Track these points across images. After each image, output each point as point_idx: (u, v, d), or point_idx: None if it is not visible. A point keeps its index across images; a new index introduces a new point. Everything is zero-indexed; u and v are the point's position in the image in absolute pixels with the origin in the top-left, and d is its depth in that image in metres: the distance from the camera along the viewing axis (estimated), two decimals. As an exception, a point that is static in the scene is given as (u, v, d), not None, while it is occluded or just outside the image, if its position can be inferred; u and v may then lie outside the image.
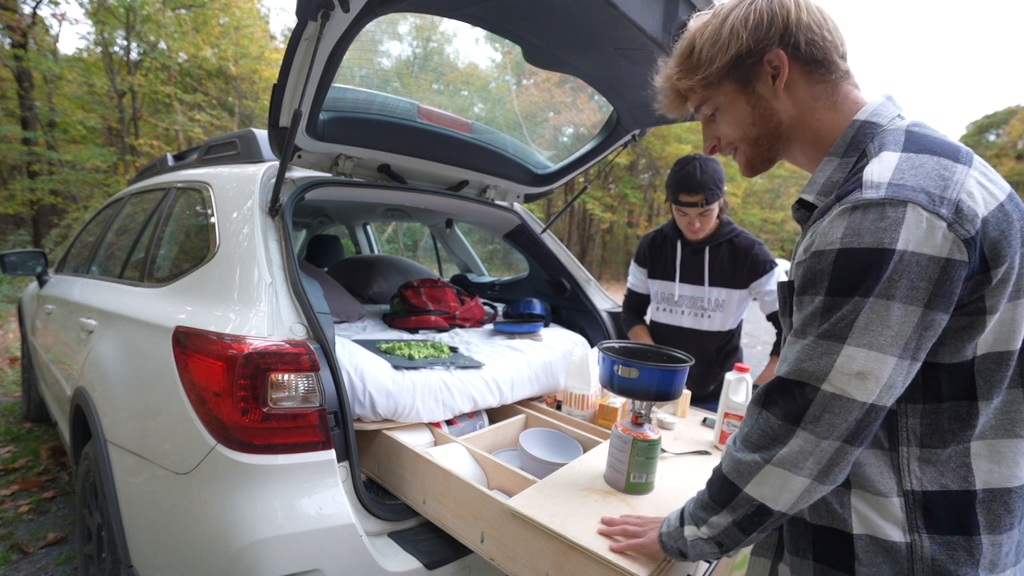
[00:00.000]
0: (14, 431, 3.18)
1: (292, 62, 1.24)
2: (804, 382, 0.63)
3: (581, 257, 19.63)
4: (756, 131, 0.76)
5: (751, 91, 0.74)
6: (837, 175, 0.70)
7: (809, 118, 0.73)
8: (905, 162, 0.62)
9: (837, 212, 0.62)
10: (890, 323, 0.59)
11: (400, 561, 1.17)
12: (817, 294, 0.64)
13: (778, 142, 0.77)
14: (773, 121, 0.75)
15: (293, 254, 1.35)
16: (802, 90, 0.73)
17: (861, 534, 0.67)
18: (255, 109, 12.60)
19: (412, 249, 14.05)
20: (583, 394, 1.70)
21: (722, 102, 0.76)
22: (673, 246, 1.88)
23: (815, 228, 0.66)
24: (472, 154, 1.98)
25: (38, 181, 9.20)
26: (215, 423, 1.11)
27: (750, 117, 0.75)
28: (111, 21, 10.11)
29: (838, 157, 0.71)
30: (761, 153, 0.78)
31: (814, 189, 0.72)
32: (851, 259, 0.60)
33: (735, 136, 0.78)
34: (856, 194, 0.62)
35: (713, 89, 0.76)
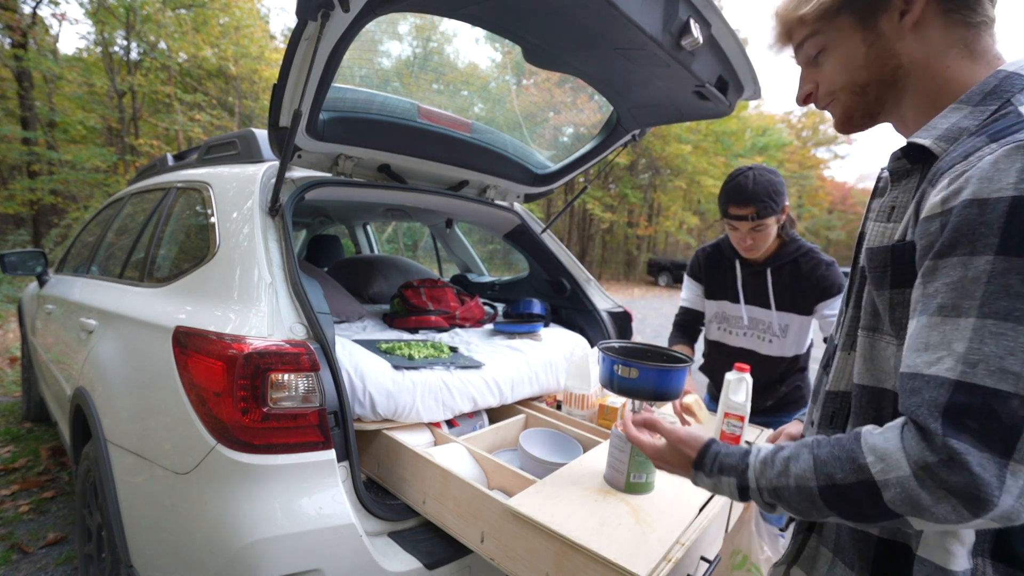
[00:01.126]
0: (14, 431, 3.18)
1: (292, 62, 1.24)
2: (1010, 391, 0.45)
3: (581, 257, 19.64)
4: (867, 75, 0.63)
5: (872, 27, 0.61)
6: (967, 122, 0.56)
7: (937, 65, 0.61)
8: None
9: (1003, 152, 0.49)
10: None
11: (400, 561, 1.17)
12: (978, 253, 0.48)
13: (890, 91, 0.64)
14: (890, 65, 0.62)
15: (293, 254, 1.35)
16: (936, 30, 0.60)
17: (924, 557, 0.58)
18: (255, 109, 12.60)
19: (412, 249, 14.06)
20: (583, 394, 1.70)
21: (833, 39, 0.64)
22: (731, 265, 1.71)
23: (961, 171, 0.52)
24: (472, 154, 1.98)
25: (38, 181, 9.21)
26: (215, 423, 1.11)
27: (863, 59, 0.63)
28: (111, 21, 10.11)
29: (970, 105, 0.57)
30: (867, 104, 0.65)
31: (932, 133, 0.58)
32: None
33: (840, 82, 0.65)
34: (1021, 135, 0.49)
35: (826, 21, 0.63)
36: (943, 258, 0.51)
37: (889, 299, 0.59)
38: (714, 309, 1.78)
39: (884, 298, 0.60)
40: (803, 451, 0.58)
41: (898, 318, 0.59)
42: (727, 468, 0.65)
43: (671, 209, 20.63)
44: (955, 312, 0.49)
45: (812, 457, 0.56)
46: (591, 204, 17.69)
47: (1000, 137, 0.51)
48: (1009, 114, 0.53)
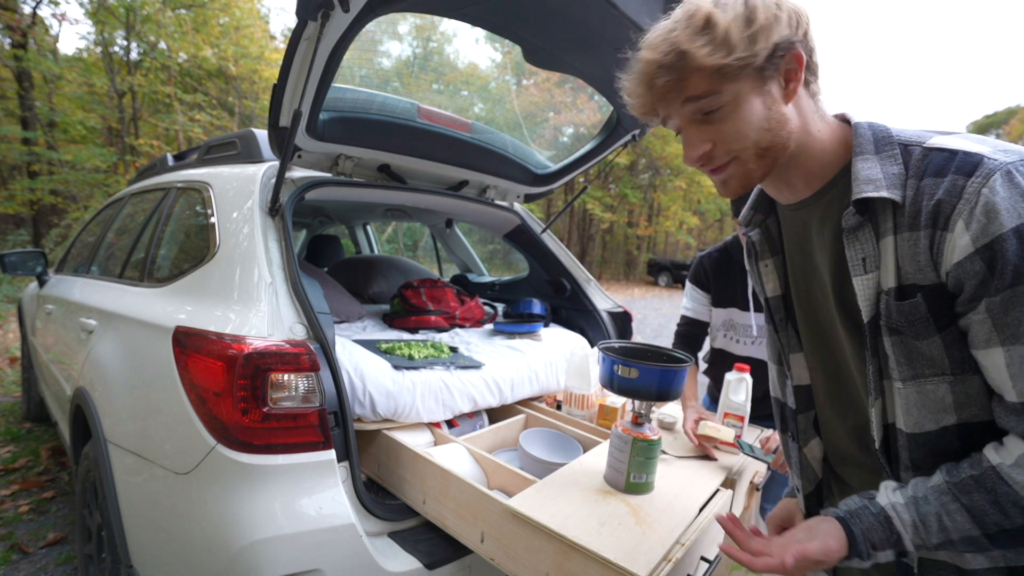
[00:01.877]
0: (14, 431, 3.18)
1: (292, 62, 1.24)
2: None
3: (581, 257, 19.64)
4: (769, 138, 0.65)
5: (766, 91, 0.63)
6: (892, 168, 0.61)
7: (811, 128, 0.66)
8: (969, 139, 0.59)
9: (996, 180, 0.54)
10: None
11: (400, 561, 1.17)
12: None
13: (783, 155, 0.66)
14: (785, 129, 0.65)
15: (293, 254, 1.35)
16: (804, 100, 0.66)
17: None
18: (255, 109, 12.61)
19: (412, 249, 14.06)
20: (583, 394, 1.70)
21: (731, 98, 0.63)
22: (742, 270, 1.64)
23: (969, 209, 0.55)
24: (472, 154, 1.98)
25: (38, 181, 9.21)
26: (215, 423, 1.11)
27: (765, 122, 0.64)
28: (111, 21, 10.11)
29: (872, 154, 0.62)
30: (764, 167, 0.67)
31: (879, 186, 0.61)
32: None
33: (743, 143, 0.65)
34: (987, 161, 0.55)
35: (730, 80, 0.62)
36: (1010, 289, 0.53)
37: (942, 342, 0.60)
38: (722, 317, 1.70)
39: (937, 344, 0.60)
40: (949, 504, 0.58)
41: (957, 356, 0.60)
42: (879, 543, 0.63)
43: (671, 209, 20.63)
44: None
45: (965, 510, 0.57)
46: (591, 204, 17.69)
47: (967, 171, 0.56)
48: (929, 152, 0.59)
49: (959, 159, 0.57)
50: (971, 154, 0.56)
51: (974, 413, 0.60)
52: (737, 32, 0.60)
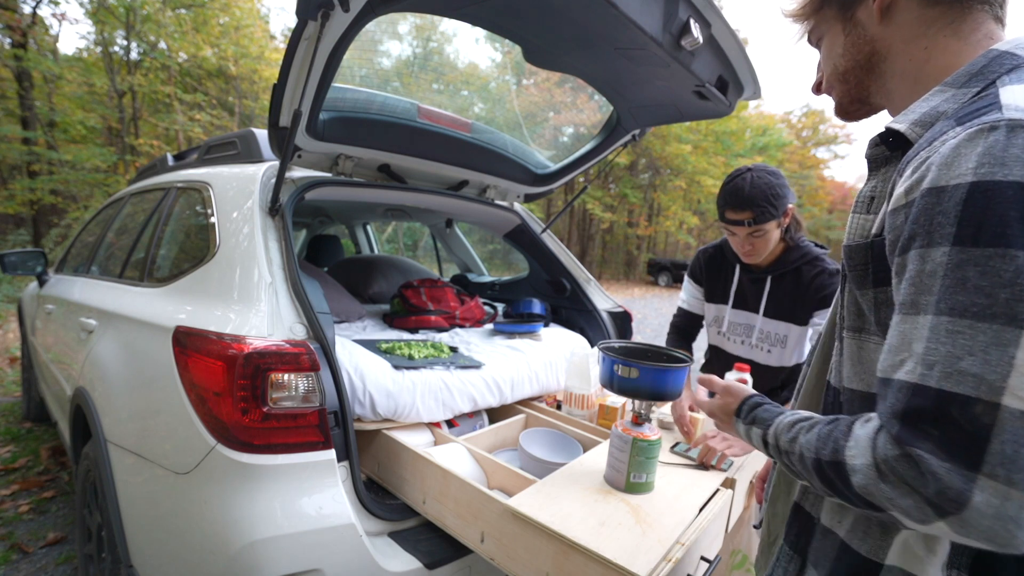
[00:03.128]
0: (14, 431, 3.18)
1: (292, 62, 1.24)
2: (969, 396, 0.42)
3: (581, 257, 19.64)
4: (845, 63, 0.66)
5: (850, 16, 0.64)
6: (946, 105, 0.54)
7: (914, 47, 0.60)
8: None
9: (965, 135, 0.47)
10: None
11: (400, 561, 1.17)
12: (935, 245, 0.46)
13: (868, 77, 0.65)
14: (864, 51, 0.64)
15: (293, 254, 1.35)
16: (910, 13, 0.60)
17: (893, 565, 0.57)
18: (255, 109, 12.61)
19: (412, 249, 14.06)
20: (583, 394, 1.70)
21: (822, 29, 0.68)
22: (732, 270, 1.63)
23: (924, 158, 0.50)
24: (472, 154, 1.98)
25: (38, 181, 9.21)
26: (215, 423, 1.11)
27: (842, 47, 0.66)
28: (111, 21, 10.11)
29: (953, 87, 0.55)
30: (849, 91, 0.67)
31: (909, 118, 0.56)
32: (992, 195, 0.43)
33: (828, 69, 0.69)
34: (993, 113, 0.47)
35: (814, 16, 0.68)
36: (905, 253, 0.49)
37: (873, 298, 0.57)
38: (713, 313, 1.72)
39: (868, 297, 0.58)
40: (817, 425, 0.57)
41: (883, 318, 0.56)
42: (759, 420, 0.68)
43: (671, 209, 20.62)
44: (914, 309, 0.47)
45: (817, 433, 0.56)
46: (591, 204, 17.69)
47: (967, 120, 0.49)
48: (988, 95, 0.51)
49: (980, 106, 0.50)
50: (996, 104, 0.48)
51: None
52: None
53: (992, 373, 0.42)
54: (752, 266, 1.58)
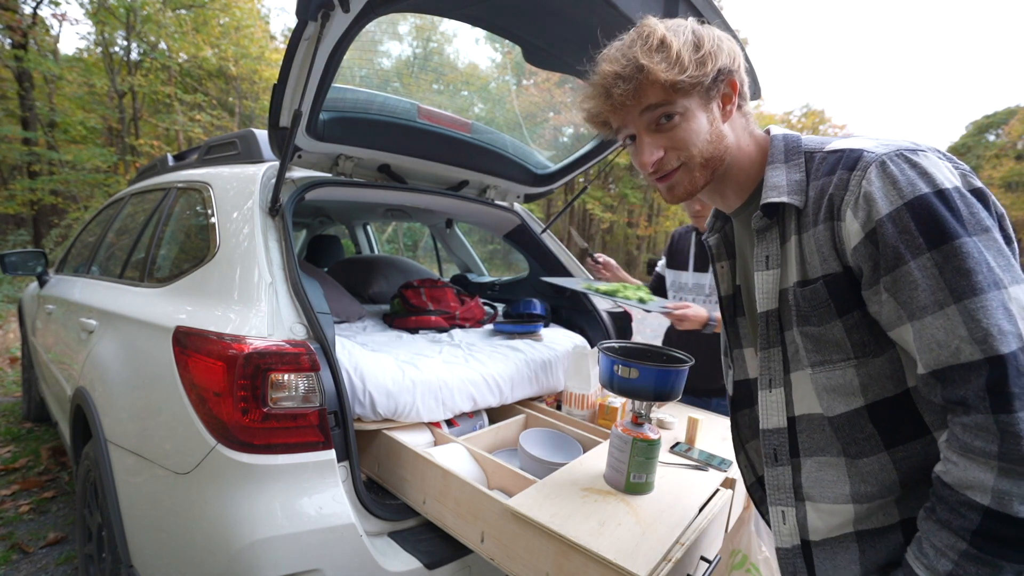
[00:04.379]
0: (14, 431, 3.18)
1: (292, 62, 1.24)
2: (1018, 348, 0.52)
3: (581, 258, 19.61)
4: (711, 151, 0.72)
5: (709, 109, 0.72)
6: (795, 175, 0.69)
7: (742, 144, 0.76)
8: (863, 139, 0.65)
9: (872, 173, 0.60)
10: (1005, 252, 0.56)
11: (400, 561, 1.17)
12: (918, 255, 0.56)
13: (720, 166, 0.75)
14: (723, 143, 0.73)
15: (293, 254, 1.35)
16: (737, 120, 0.75)
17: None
18: (255, 109, 12.61)
19: (412, 249, 14.06)
20: (583, 394, 1.70)
21: (683, 110, 0.70)
22: (689, 240, 1.93)
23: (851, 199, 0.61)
24: (472, 154, 1.98)
25: (38, 181, 9.21)
26: (215, 423, 1.11)
27: (708, 135, 0.72)
28: (111, 21, 10.11)
29: (781, 163, 0.71)
30: (704, 176, 0.74)
31: (781, 191, 0.69)
32: (924, 207, 0.57)
33: (691, 150, 0.72)
34: (867, 155, 0.62)
35: (682, 95, 0.70)
36: (898, 268, 0.58)
37: (843, 326, 0.65)
38: (670, 278, 1.99)
39: (837, 328, 0.65)
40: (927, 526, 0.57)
41: (859, 339, 0.64)
42: None
43: (671, 209, 20.62)
44: (938, 306, 0.55)
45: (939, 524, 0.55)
46: (591, 204, 17.69)
47: (851, 166, 0.62)
48: (826, 156, 0.66)
49: (844, 157, 0.64)
50: (854, 151, 0.63)
51: (877, 392, 0.64)
52: (687, 54, 0.68)
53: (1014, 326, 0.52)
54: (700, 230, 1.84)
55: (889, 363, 0.64)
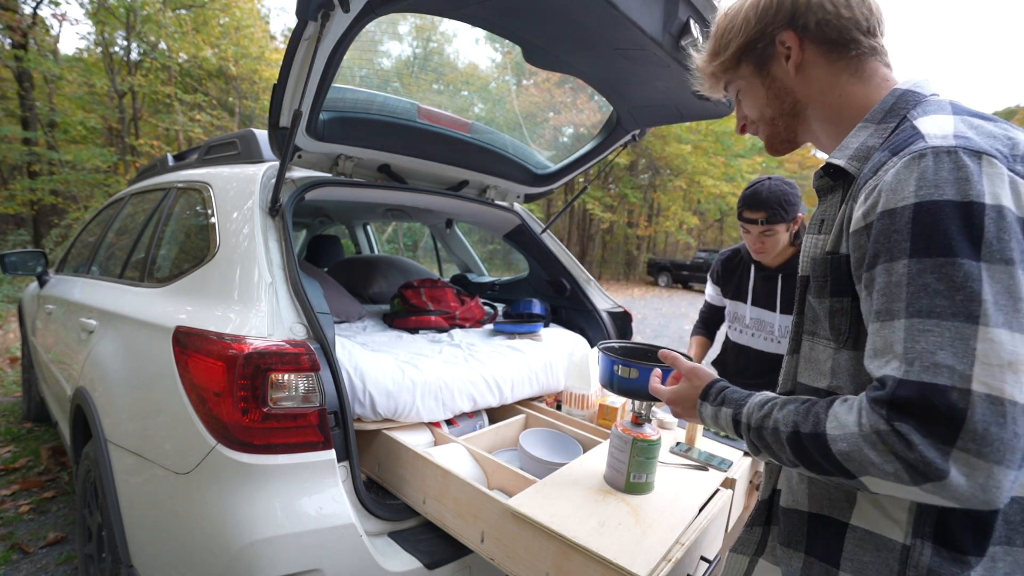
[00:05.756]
0: (14, 431, 3.18)
1: (292, 62, 1.24)
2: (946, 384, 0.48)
3: (581, 257, 19.64)
4: (771, 111, 0.77)
5: (767, 73, 0.75)
6: (873, 140, 0.65)
7: (831, 95, 0.71)
8: (963, 123, 0.57)
9: (902, 163, 0.55)
10: (1017, 293, 0.48)
11: (400, 561, 1.17)
12: (896, 259, 0.53)
13: (794, 121, 0.76)
14: (788, 101, 0.75)
15: (293, 254, 1.35)
16: (820, 68, 0.71)
17: (857, 525, 0.64)
18: (255, 109, 12.61)
19: (412, 249, 14.06)
20: (583, 394, 1.70)
21: (742, 84, 0.78)
22: (747, 269, 1.82)
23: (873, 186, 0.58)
24: (472, 154, 1.98)
25: (38, 181, 9.21)
26: (215, 423, 1.11)
27: (765, 98, 0.76)
28: (111, 21, 10.11)
29: (873, 124, 0.66)
30: (778, 132, 0.78)
31: (845, 154, 0.66)
32: (933, 213, 0.51)
33: (754, 116, 0.79)
34: (919, 143, 0.56)
35: (733, 72, 0.78)
36: (872, 268, 0.56)
37: (829, 307, 0.66)
38: (729, 308, 1.90)
39: (824, 305, 0.67)
40: (788, 404, 0.64)
41: (837, 324, 0.65)
42: (729, 401, 0.72)
43: (671, 209, 20.61)
44: (889, 315, 0.54)
45: (793, 410, 0.62)
46: (591, 204, 17.68)
47: (899, 150, 0.57)
48: (906, 128, 0.61)
49: (905, 137, 0.59)
50: (919, 133, 0.58)
51: (838, 385, 0.66)
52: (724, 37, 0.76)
53: (960, 364, 0.48)
54: (764, 266, 1.76)
55: (853, 362, 0.64)
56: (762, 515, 0.81)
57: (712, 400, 0.75)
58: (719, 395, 0.74)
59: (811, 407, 0.60)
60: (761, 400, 0.68)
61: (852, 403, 0.56)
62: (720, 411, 0.73)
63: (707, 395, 0.76)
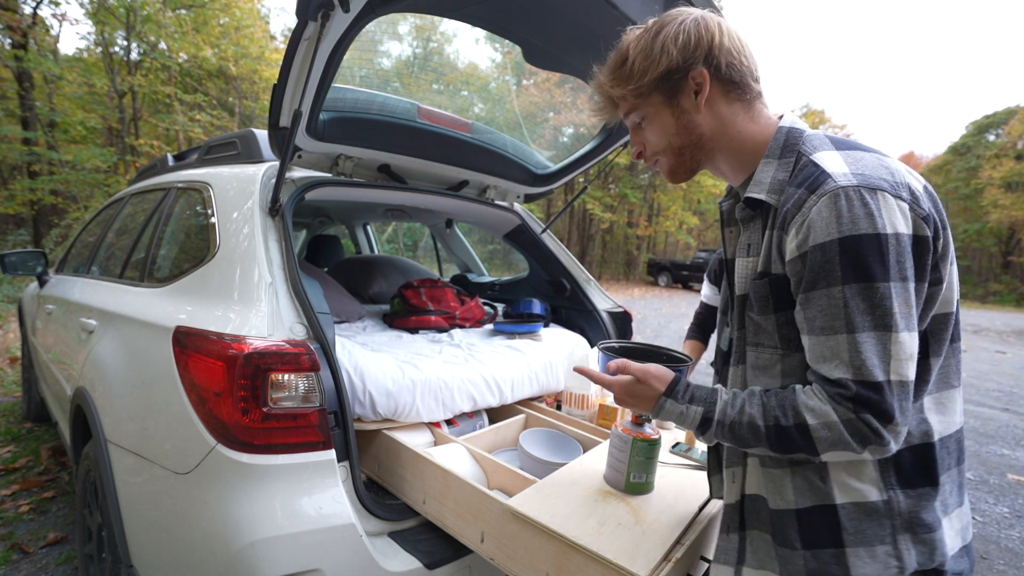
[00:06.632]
0: (14, 431, 3.18)
1: (292, 62, 1.24)
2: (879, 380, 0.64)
3: (581, 257, 19.63)
4: (680, 141, 0.81)
5: (676, 104, 0.79)
6: (781, 174, 0.74)
7: (731, 131, 0.79)
8: (849, 158, 0.69)
9: (823, 202, 0.66)
10: (910, 302, 0.65)
11: (400, 561, 1.17)
12: (832, 285, 0.65)
13: (700, 152, 0.82)
14: (695, 133, 0.80)
15: (293, 254, 1.35)
16: (722, 106, 0.78)
17: (844, 503, 0.72)
18: (255, 109, 12.62)
19: (412, 249, 14.07)
20: (583, 394, 1.70)
21: (649, 112, 0.81)
22: None
23: (801, 221, 0.68)
24: (472, 154, 1.98)
25: (38, 181, 9.22)
26: (215, 423, 1.11)
27: (674, 128, 0.80)
28: (111, 21, 10.12)
29: (775, 159, 0.76)
30: (684, 162, 0.83)
31: (763, 188, 0.75)
32: (855, 246, 0.64)
33: (660, 145, 0.83)
34: (829, 183, 0.66)
35: (643, 99, 0.80)
36: (812, 291, 0.67)
37: (775, 321, 0.75)
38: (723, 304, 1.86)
39: (771, 321, 0.75)
40: (753, 398, 0.73)
41: (786, 334, 0.74)
42: (697, 399, 0.78)
43: (671, 209, 20.62)
44: (832, 331, 0.66)
45: (762, 404, 0.72)
46: (591, 204, 17.69)
47: (814, 188, 0.67)
48: (807, 164, 0.71)
49: (815, 176, 0.68)
50: (825, 173, 0.68)
51: (791, 383, 0.74)
52: (639, 63, 0.78)
53: (884, 364, 0.64)
54: None
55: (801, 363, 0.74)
56: (735, 520, 0.84)
57: (680, 398, 0.79)
58: (687, 392, 0.79)
59: (783, 401, 0.70)
60: (729, 399, 0.76)
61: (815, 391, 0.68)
62: (689, 408, 0.78)
63: (674, 393, 0.80)
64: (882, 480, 0.71)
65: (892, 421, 0.64)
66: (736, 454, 0.84)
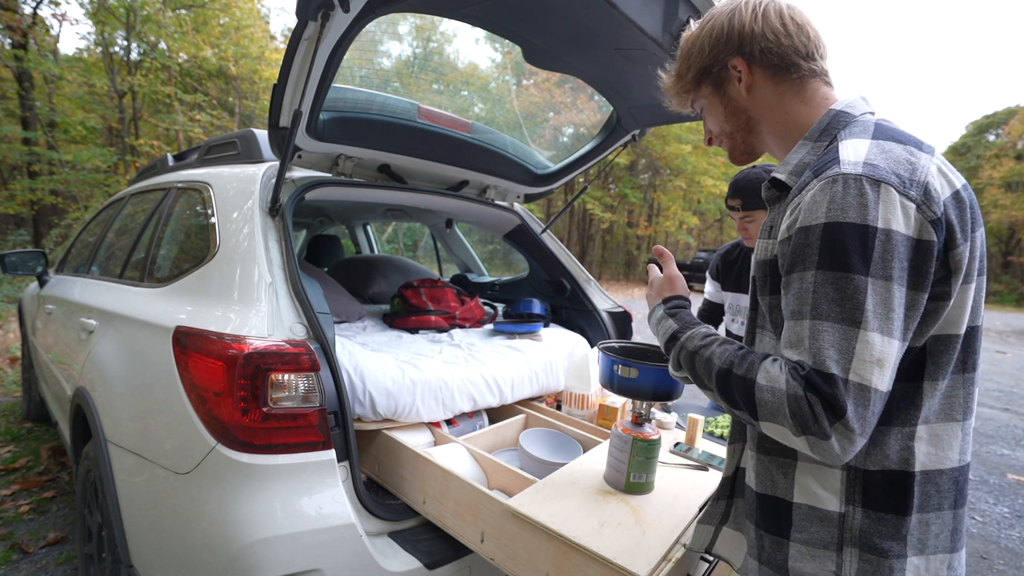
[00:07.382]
0: (14, 431, 3.18)
1: (292, 62, 1.24)
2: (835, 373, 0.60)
3: (581, 257, 19.63)
4: (730, 126, 0.85)
5: (723, 92, 0.83)
6: (809, 157, 0.74)
7: (778, 112, 0.80)
8: (875, 147, 0.66)
9: (818, 186, 0.65)
10: (892, 305, 0.61)
11: (400, 561, 1.17)
12: (807, 269, 0.64)
13: (750, 135, 0.85)
14: (743, 118, 0.84)
15: (293, 254, 1.35)
16: (767, 89, 0.80)
17: (800, 503, 0.72)
18: (255, 109, 12.61)
19: (412, 249, 14.06)
20: (583, 394, 1.70)
21: (704, 102, 0.87)
22: (747, 259, 1.85)
23: (797, 203, 0.67)
24: (472, 154, 1.98)
25: (38, 181, 9.21)
26: (215, 423, 1.11)
27: (723, 115, 0.85)
28: (111, 21, 10.12)
29: (811, 141, 0.76)
30: (738, 145, 0.87)
31: (786, 169, 0.76)
32: (838, 233, 0.61)
33: (717, 131, 0.88)
34: (835, 168, 0.65)
35: (695, 92, 0.87)
36: (789, 274, 0.66)
37: (768, 303, 0.75)
38: (728, 300, 1.93)
39: (767, 302, 0.75)
40: (727, 344, 0.75)
41: (774, 318, 0.74)
42: (678, 318, 0.83)
43: (671, 209, 20.61)
44: (799, 316, 0.64)
45: (731, 351, 0.72)
46: (591, 204, 17.68)
47: (820, 172, 0.66)
48: (833, 149, 0.69)
49: (828, 161, 0.67)
50: (835, 159, 0.66)
51: None
52: (684, 61, 0.85)
53: (843, 359, 0.60)
54: None
55: None
56: (726, 490, 0.88)
57: (667, 307, 0.86)
58: (675, 308, 0.85)
59: (747, 355, 0.70)
60: (705, 331, 0.79)
61: (780, 364, 0.66)
62: (665, 320, 0.84)
63: (667, 301, 0.88)
64: (845, 493, 0.69)
65: (842, 418, 0.59)
66: (738, 430, 0.85)
